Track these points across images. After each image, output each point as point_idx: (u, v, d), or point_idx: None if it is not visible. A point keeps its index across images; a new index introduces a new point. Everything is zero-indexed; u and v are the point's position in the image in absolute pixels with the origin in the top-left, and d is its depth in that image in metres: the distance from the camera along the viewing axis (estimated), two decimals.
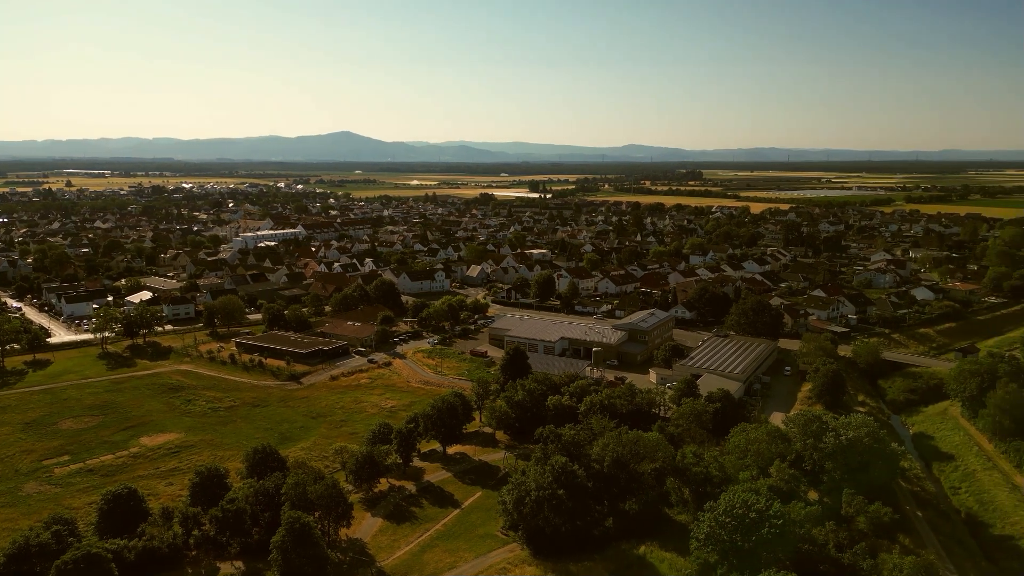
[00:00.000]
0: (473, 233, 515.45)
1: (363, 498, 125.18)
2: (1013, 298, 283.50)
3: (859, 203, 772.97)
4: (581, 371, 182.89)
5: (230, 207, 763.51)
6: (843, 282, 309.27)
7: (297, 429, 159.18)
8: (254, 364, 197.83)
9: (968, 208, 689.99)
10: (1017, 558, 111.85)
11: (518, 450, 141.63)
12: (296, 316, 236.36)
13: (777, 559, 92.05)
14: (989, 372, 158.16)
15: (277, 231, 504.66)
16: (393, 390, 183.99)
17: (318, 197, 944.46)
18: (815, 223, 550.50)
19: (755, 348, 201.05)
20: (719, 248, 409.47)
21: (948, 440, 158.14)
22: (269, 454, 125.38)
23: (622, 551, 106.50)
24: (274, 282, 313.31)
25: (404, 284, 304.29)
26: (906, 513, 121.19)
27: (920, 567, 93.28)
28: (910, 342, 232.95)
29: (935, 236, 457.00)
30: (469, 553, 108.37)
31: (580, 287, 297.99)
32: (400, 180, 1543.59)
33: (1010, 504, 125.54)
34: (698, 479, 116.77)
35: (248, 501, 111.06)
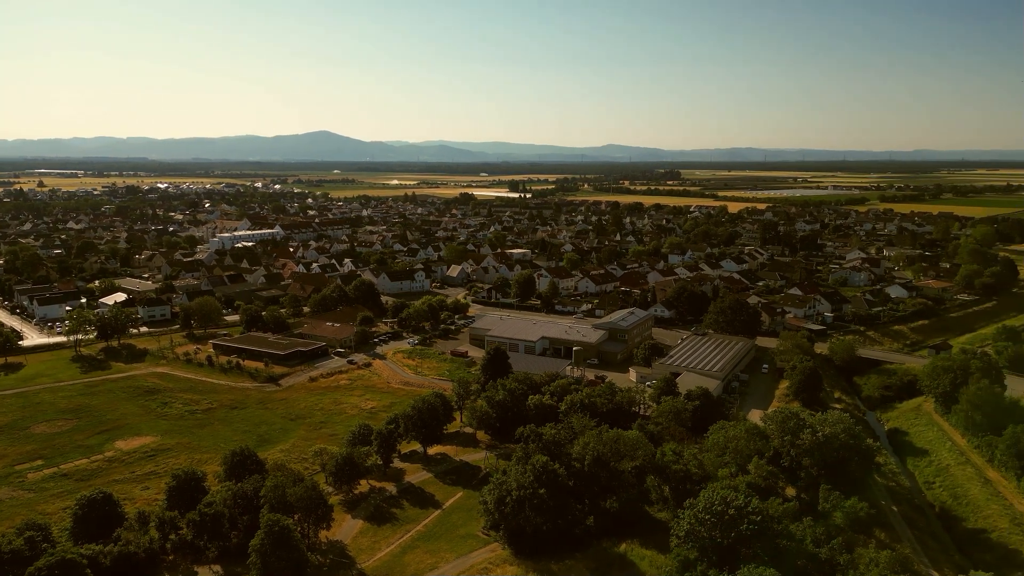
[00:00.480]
0: (453, 233, 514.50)
1: (343, 500, 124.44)
2: (984, 295, 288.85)
3: (834, 202, 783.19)
4: (562, 370, 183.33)
5: (206, 207, 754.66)
6: (819, 280, 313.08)
7: (276, 431, 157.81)
8: (232, 366, 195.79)
9: (940, 207, 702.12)
10: (990, 551, 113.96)
11: (499, 450, 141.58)
12: (274, 317, 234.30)
13: (756, 555, 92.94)
14: (961, 368, 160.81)
15: (254, 231, 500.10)
16: (373, 391, 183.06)
17: (296, 197, 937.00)
18: (791, 222, 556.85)
19: (733, 346, 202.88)
20: (697, 247, 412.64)
21: (922, 436, 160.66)
22: (247, 457, 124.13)
23: (603, 549, 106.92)
24: (252, 283, 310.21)
25: (384, 284, 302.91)
26: (881, 508, 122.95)
27: (895, 561, 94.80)
28: (885, 339, 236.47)
29: (908, 235, 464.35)
30: (450, 553, 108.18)
31: (560, 286, 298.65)
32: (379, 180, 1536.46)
33: (983, 498, 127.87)
34: (678, 476, 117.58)
35: (226, 504, 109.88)
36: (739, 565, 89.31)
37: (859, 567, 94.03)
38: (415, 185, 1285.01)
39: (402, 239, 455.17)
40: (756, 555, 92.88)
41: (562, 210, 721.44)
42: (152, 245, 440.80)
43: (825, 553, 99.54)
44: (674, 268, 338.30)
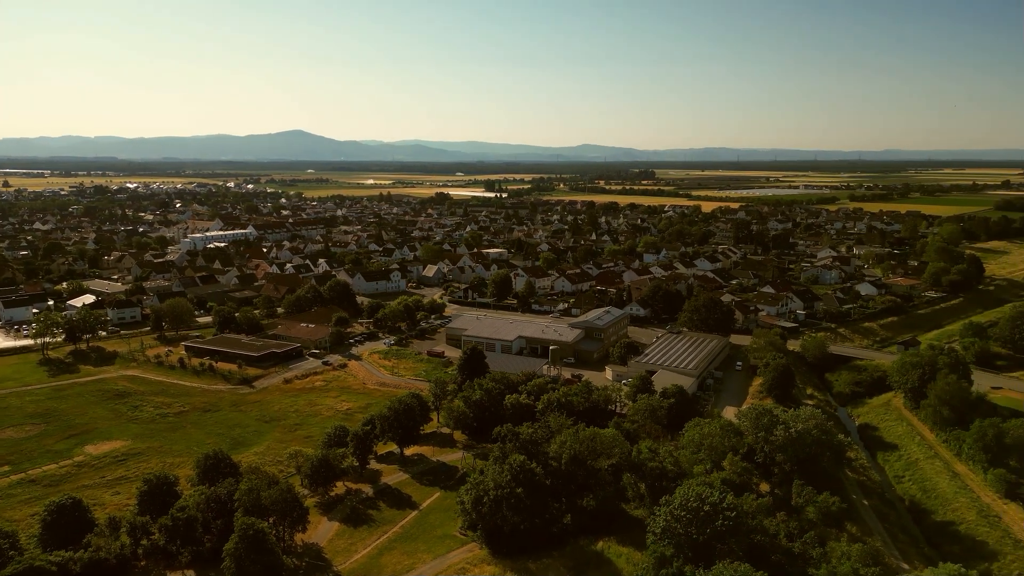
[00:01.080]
0: (429, 233, 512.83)
1: (319, 502, 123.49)
2: (951, 292, 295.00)
3: (806, 201, 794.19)
4: (538, 369, 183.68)
5: (177, 207, 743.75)
6: (791, 279, 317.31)
7: (250, 434, 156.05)
8: (204, 368, 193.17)
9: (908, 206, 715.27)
10: (958, 542, 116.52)
11: (476, 450, 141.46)
12: (247, 318, 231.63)
13: (731, 550, 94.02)
14: (929, 364, 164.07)
15: (227, 232, 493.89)
16: (349, 392, 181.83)
17: (269, 197, 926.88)
18: (764, 221, 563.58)
19: (708, 344, 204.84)
20: (672, 246, 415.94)
21: (892, 430, 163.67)
22: (221, 460, 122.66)
23: (580, 547, 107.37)
24: (224, 284, 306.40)
25: (359, 284, 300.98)
26: (853, 502, 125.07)
27: (867, 554, 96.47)
28: (855, 336, 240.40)
29: (877, 233, 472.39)
30: (428, 554, 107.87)
31: (537, 286, 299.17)
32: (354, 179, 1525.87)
33: (951, 491, 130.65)
34: (654, 474, 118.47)
35: (199, 508, 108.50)
36: (714, 561, 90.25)
37: (832, 560, 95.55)
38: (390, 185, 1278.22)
39: (377, 239, 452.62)
40: (731, 550, 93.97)
41: (538, 210, 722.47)
42: (121, 246, 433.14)
43: (798, 547, 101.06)
44: (649, 267, 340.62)
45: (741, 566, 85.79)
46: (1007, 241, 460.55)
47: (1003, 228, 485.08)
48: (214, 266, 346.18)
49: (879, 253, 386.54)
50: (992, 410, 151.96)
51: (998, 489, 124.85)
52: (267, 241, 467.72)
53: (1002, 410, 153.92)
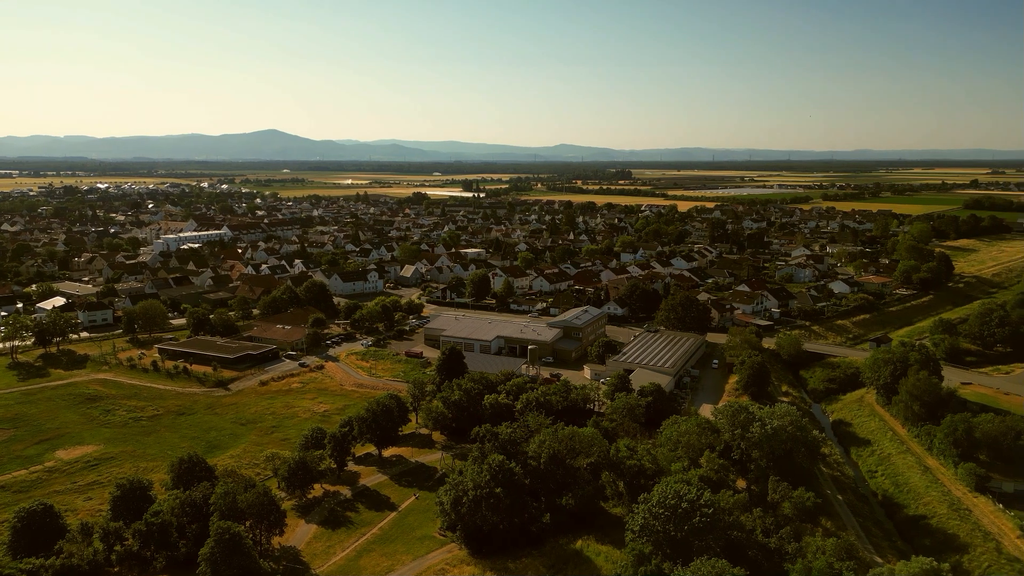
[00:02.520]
0: (406, 233, 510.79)
1: (296, 505, 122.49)
2: (922, 289, 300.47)
3: (780, 201, 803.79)
4: (517, 369, 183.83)
5: (150, 208, 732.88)
6: (766, 277, 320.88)
7: (226, 437, 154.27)
8: (178, 371, 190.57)
9: (880, 205, 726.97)
10: (930, 536, 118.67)
11: (455, 450, 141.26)
12: (222, 320, 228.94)
13: (708, 547, 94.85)
14: (901, 360, 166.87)
15: (201, 232, 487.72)
16: (326, 394, 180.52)
17: (244, 197, 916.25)
18: (739, 220, 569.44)
19: (684, 342, 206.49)
20: (649, 246, 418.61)
21: (865, 426, 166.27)
22: (196, 463, 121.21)
23: (559, 546, 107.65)
24: (198, 285, 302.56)
25: (336, 285, 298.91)
26: (827, 497, 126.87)
27: (841, 548, 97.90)
28: (829, 333, 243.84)
29: (850, 232, 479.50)
30: (407, 555, 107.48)
31: (515, 286, 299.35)
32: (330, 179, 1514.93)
33: (922, 485, 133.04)
34: (632, 472, 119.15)
35: (174, 513, 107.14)
36: (692, 557, 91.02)
37: (807, 555, 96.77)
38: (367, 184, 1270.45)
39: (354, 239, 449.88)
40: (708, 547, 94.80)
41: (516, 209, 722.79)
42: (92, 247, 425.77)
43: (775, 542, 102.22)
44: (626, 266, 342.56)
45: (718, 562, 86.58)
46: (976, 239, 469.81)
47: (972, 226, 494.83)
48: (188, 267, 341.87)
49: (852, 251, 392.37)
50: (962, 405, 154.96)
51: (968, 483, 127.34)
52: (242, 242, 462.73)
53: (972, 405, 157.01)
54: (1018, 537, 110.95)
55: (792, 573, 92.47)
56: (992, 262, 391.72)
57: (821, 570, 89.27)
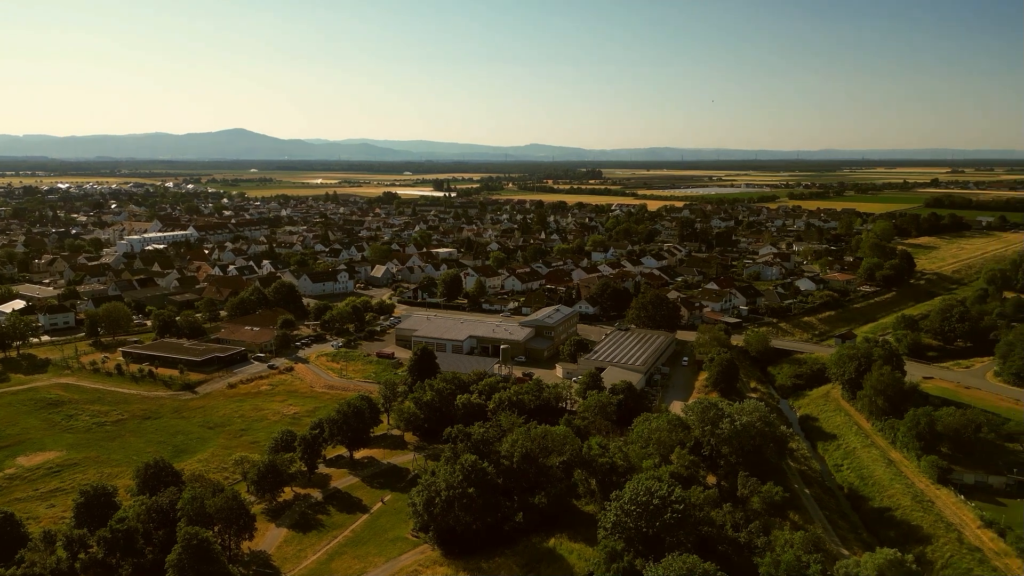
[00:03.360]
0: (377, 232, 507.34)
1: (266, 509, 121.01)
2: (885, 286, 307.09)
3: (747, 200, 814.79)
4: (489, 369, 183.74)
5: (113, 208, 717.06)
6: (734, 275, 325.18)
7: (193, 441, 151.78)
8: (144, 374, 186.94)
9: (844, 204, 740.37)
10: (894, 527, 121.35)
11: (427, 451, 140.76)
12: (189, 322, 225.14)
13: (680, 542, 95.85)
14: (865, 356, 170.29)
15: (166, 233, 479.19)
16: (296, 396, 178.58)
17: (210, 197, 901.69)
18: (707, 219, 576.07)
19: (655, 340, 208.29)
20: (619, 245, 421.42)
21: (831, 421, 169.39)
22: (162, 468, 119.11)
23: (533, 545, 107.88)
24: (164, 287, 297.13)
25: (305, 286, 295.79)
26: (795, 491, 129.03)
27: (808, 542, 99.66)
28: (795, 330, 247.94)
29: (815, 230, 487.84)
30: (379, 557, 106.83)
31: (487, 285, 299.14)
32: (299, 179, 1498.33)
33: (887, 478, 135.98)
34: (604, 469, 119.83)
35: (140, 519, 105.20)
36: (664, 553, 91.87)
37: (775, 549, 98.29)
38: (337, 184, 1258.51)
39: (324, 239, 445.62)
40: (680, 543, 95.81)
41: (487, 209, 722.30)
42: (53, 249, 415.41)
43: (744, 537, 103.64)
44: (597, 265, 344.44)
45: (689, 558, 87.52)
46: (936, 237, 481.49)
47: (932, 224, 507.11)
48: (153, 269, 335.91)
49: (817, 249, 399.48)
50: (924, 399, 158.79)
51: (931, 475, 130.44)
52: (209, 242, 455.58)
53: (933, 399, 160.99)
54: (979, 528, 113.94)
55: (761, 567, 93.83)
56: (952, 259, 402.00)
57: (789, 563, 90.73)
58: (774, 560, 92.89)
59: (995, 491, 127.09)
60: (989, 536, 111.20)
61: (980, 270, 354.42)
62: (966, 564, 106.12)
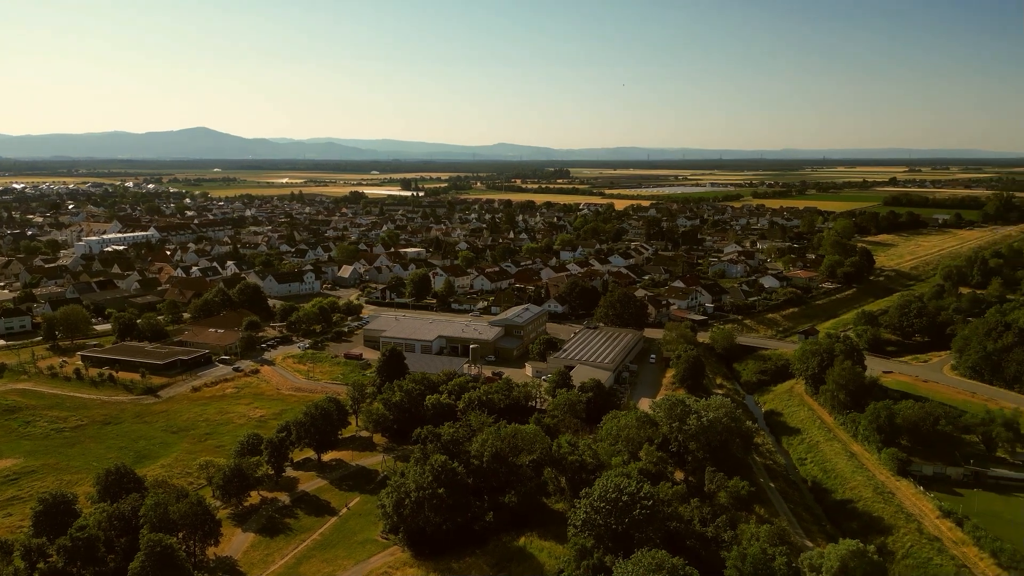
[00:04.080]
0: (344, 232, 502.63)
1: (232, 513, 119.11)
2: (846, 283, 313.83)
3: (712, 199, 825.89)
4: (459, 369, 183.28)
5: (70, 209, 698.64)
6: (700, 273, 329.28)
7: (156, 446, 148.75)
8: (104, 379, 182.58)
9: (806, 202, 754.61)
10: (856, 519, 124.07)
11: (397, 452, 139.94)
12: (151, 325, 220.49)
13: (648, 538, 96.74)
14: (827, 352, 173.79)
15: (126, 234, 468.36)
16: (262, 399, 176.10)
17: (172, 197, 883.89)
18: (673, 218, 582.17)
19: (623, 338, 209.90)
20: (587, 244, 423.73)
21: (795, 415, 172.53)
22: (124, 475, 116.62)
23: (503, 544, 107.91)
24: (124, 289, 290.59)
25: (271, 287, 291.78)
26: (760, 485, 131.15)
27: (774, 535, 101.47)
28: (760, 327, 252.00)
29: (778, 228, 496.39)
30: (348, 560, 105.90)
31: (456, 285, 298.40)
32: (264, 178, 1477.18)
33: (849, 471, 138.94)
34: (573, 467, 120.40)
35: (101, 527, 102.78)
36: (633, 549, 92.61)
37: (742, 542, 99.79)
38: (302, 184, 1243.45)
39: (289, 240, 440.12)
40: (648, 538, 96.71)
41: (456, 208, 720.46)
42: (8, 251, 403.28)
43: (711, 531, 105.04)
44: (566, 264, 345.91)
45: (658, 553, 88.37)
46: (894, 234, 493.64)
47: (891, 222, 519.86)
48: (112, 270, 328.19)
49: (780, 247, 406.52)
50: (884, 393, 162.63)
51: (891, 467, 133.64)
52: (171, 243, 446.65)
53: (893, 393, 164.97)
54: (937, 518, 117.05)
55: (728, 560, 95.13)
56: (910, 256, 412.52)
57: (755, 556, 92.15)
58: (741, 553, 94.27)
59: (953, 482, 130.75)
60: (947, 526, 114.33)
61: (937, 267, 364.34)
62: (926, 554, 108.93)
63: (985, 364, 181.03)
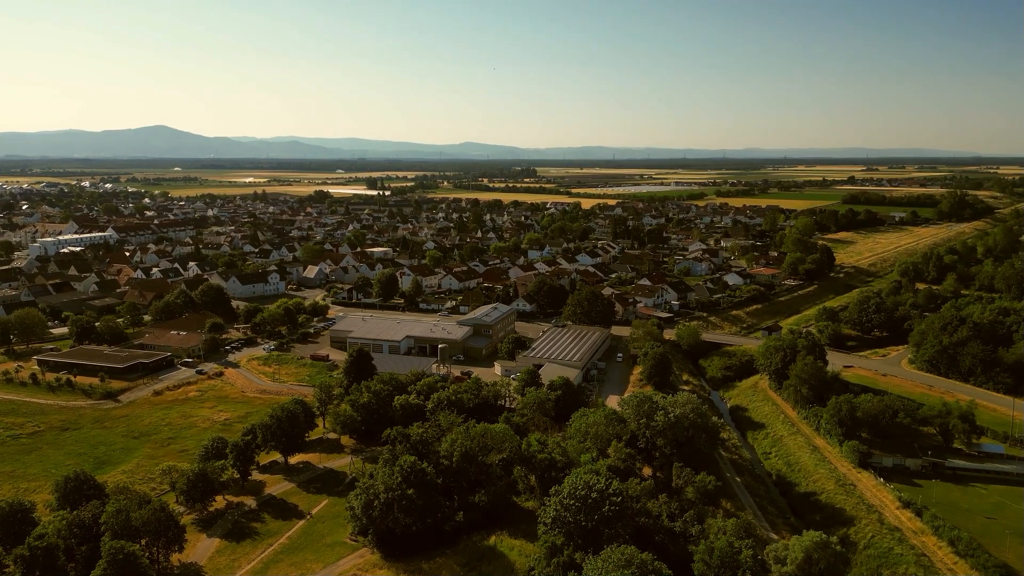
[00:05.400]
0: (309, 232, 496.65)
1: (197, 519, 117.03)
2: (807, 280, 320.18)
3: (677, 198, 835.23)
4: (427, 369, 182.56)
5: (24, 209, 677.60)
6: (666, 271, 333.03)
7: (117, 451, 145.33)
8: (61, 383, 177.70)
9: (768, 201, 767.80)
10: (819, 511, 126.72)
11: (365, 453, 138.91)
12: (110, 328, 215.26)
13: (618, 534, 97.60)
14: (790, 347, 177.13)
15: (83, 235, 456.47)
16: (226, 401, 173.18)
17: (131, 197, 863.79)
18: (639, 217, 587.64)
19: (591, 336, 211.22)
20: (555, 242, 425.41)
21: (759, 410, 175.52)
22: (84, 481, 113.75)
23: (473, 543, 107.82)
24: (82, 291, 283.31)
25: (234, 288, 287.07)
26: (727, 480, 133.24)
27: (740, 528, 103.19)
28: (725, 324, 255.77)
29: (742, 226, 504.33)
30: (317, 563, 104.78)
31: (424, 284, 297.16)
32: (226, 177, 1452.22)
33: (812, 464, 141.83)
34: (543, 465, 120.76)
35: (61, 535, 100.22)
36: (603, 546, 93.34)
37: (709, 536, 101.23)
38: (266, 183, 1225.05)
39: (253, 240, 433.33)
40: (618, 534, 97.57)
41: (423, 207, 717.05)
42: None
43: (679, 526, 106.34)
44: (534, 263, 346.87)
45: (627, 549, 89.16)
46: (853, 232, 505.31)
47: (850, 220, 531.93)
48: (69, 272, 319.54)
49: (744, 245, 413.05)
50: (845, 387, 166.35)
51: (852, 459, 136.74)
52: (130, 244, 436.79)
53: (853, 387, 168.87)
54: (897, 508, 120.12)
55: (696, 554, 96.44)
56: (868, 253, 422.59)
57: (722, 550, 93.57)
58: (708, 547, 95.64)
59: (912, 473, 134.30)
60: (907, 516, 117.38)
61: (894, 263, 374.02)
62: (886, 544, 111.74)
63: (941, 358, 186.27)
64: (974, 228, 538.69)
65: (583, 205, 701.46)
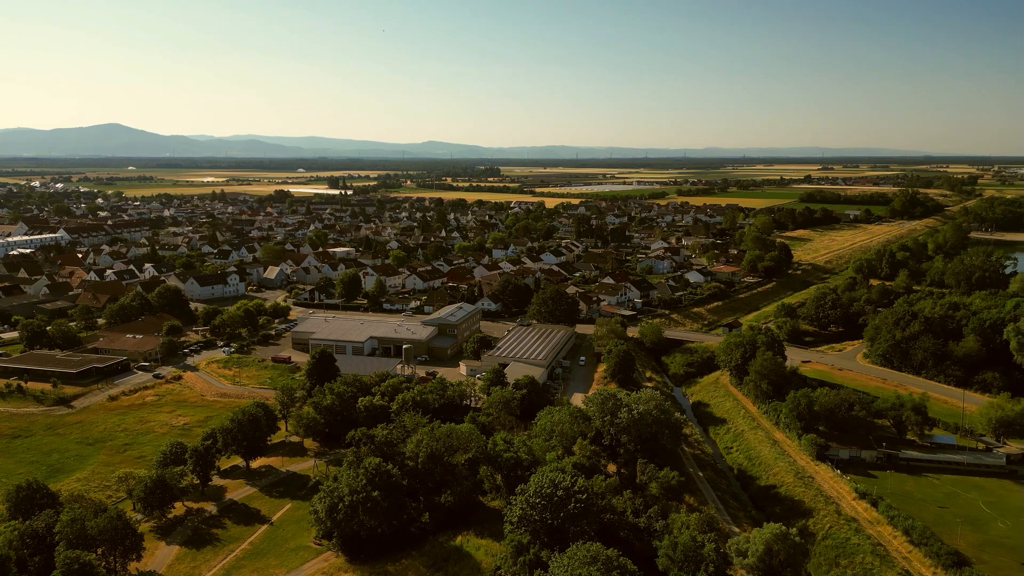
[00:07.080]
0: (269, 232, 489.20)
1: (156, 526, 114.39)
2: (766, 277, 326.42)
3: (639, 196, 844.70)
4: (392, 369, 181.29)
5: None
6: (629, 269, 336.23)
7: (70, 459, 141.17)
8: (11, 390, 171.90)
9: (728, 199, 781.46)
10: (779, 503, 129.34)
11: (329, 456, 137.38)
12: (62, 332, 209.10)
13: (583, 531, 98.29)
14: (750, 343, 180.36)
15: (33, 236, 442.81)
16: (185, 406, 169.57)
17: (83, 197, 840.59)
18: (602, 216, 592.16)
19: (555, 335, 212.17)
20: (519, 242, 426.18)
21: (721, 406, 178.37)
22: (36, 490, 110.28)
23: (439, 544, 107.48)
24: (32, 295, 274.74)
25: (192, 290, 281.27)
26: (690, 475, 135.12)
27: (703, 522, 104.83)
28: (687, 321, 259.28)
29: (702, 225, 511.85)
30: (280, 568, 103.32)
31: (387, 284, 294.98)
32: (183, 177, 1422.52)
33: (772, 457, 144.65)
34: (509, 464, 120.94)
35: (12, 546, 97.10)
36: (569, 543, 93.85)
37: (673, 531, 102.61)
38: (224, 182, 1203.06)
39: (211, 240, 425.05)
40: (583, 531, 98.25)
41: (386, 207, 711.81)
42: None
43: (644, 522, 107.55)
44: (498, 262, 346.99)
45: (593, 546, 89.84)
46: (810, 229, 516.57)
47: (807, 218, 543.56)
48: (19, 275, 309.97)
49: (704, 243, 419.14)
50: (803, 382, 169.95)
51: (810, 452, 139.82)
52: (82, 246, 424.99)
53: (811, 381, 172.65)
54: (854, 499, 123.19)
55: (660, 549, 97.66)
56: (824, 250, 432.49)
57: (686, 544, 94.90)
58: (672, 542, 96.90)
59: (867, 464, 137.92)
60: (863, 507, 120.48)
61: (849, 260, 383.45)
62: (844, 534, 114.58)
63: (894, 352, 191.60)
64: (925, 225, 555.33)
65: (547, 204, 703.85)
